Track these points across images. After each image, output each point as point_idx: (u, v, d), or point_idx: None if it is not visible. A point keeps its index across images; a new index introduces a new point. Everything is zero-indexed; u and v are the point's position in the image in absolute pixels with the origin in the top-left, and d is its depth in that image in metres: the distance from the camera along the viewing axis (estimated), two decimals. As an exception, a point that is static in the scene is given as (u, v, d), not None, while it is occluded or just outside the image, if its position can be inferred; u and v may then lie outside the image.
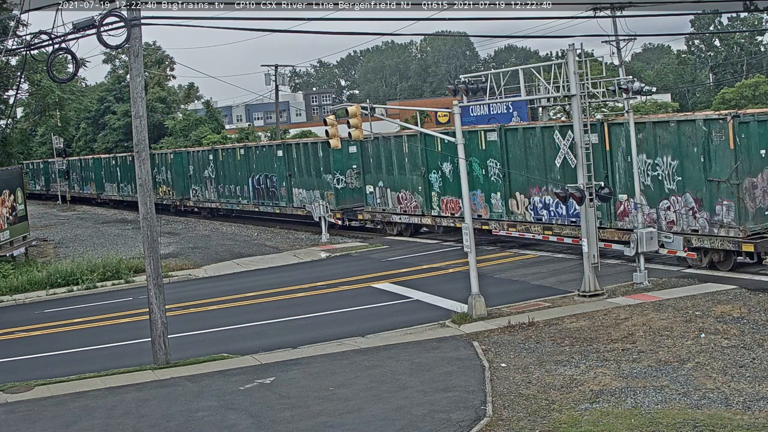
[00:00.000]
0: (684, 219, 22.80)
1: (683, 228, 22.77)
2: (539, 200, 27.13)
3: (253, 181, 41.76)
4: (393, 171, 33.26)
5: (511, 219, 28.11)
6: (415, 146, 32.03)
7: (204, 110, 76.23)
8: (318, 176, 37.22)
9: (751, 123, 21.84)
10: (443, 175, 30.94)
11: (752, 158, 21.60)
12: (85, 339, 21.34)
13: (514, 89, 22.86)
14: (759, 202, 21.70)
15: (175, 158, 49.78)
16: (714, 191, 21.99)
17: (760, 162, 21.70)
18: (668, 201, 23.28)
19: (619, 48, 47.39)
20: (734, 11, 65.71)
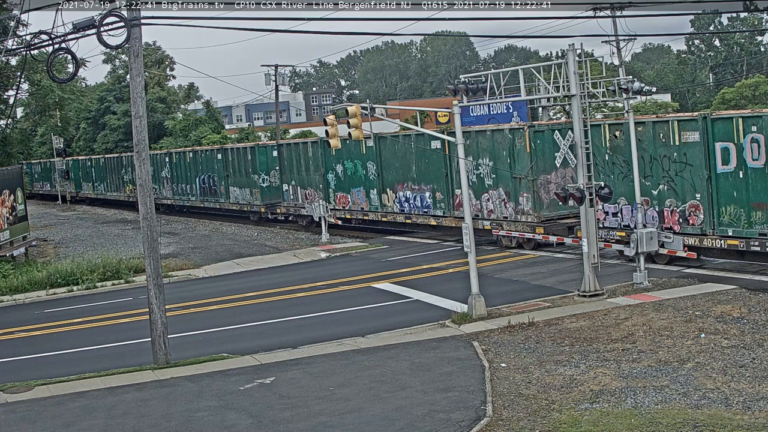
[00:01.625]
0: (498, 208, 28.68)
1: (497, 215, 28.67)
2: (402, 195, 33.02)
3: (200, 180, 46.75)
4: (302, 172, 38.95)
5: (384, 210, 33.96)
6: (316, 151, 37.66)
7: (204, 110, 76.23)
8: (248, 176, 42.23)
9: (545, 131, 27.48)
10: (337, 175, 36.46)
11: (546, 159, 27.18)
12: (85, 339, 21.34)
13: (514, 89, 22.86)
14: (553, 194, 25.84)
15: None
16: (517, 186, 27.61)
17: (553, 162, 27.08)
18: (488, 194, 29.00)
19: (619, 48, 47.40)
20: (734, 11, 65.72)
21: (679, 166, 22.75)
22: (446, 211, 30.70)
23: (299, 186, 39.09)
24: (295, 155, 39.36)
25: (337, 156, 35.79)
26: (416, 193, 32.22)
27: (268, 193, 41.07)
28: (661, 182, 23.37)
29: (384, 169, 33.59)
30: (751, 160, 21.05)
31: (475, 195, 28.82)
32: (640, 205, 22.04)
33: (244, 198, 42.59)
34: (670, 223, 23.13)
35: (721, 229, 21.92)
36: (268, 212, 41.37)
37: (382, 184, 33.86)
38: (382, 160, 33.66)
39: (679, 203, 22.96)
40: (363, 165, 34.81)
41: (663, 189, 23.31)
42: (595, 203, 21.14)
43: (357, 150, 34.66)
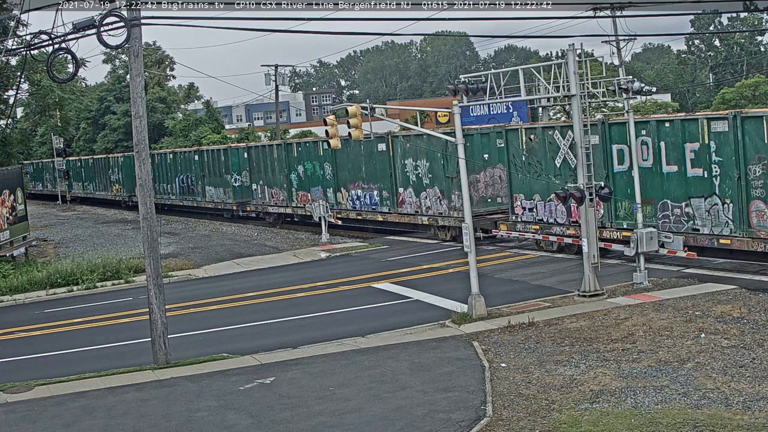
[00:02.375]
0: (435, 205, 31.45)
1: (434, 212, 31.58)
2: (354, 193, 35.79)
3: (179, 180, 49.76)
4: (269, 172, 41.57)
5: (339, 208, 36.55)
6: (281, 153, 40.42)
7: (204, 110, 76.23)
8: (222, 176, 45.00)
9: (474, 135, 30.11)
10: (299, 175, 39.30)
11: (476, 161, 29.45)
12: (85, 339, 21.34)
13: (514, 89, 22.87)
14: (482, 192, 30.19)
15: (125, 161, 56.63)
16: (450, 185, 30.19)
17: (482, 163, 29.93)
18: (425, 192, 31.92)
19: (619, 48, 47.44)
20: (734, 11, 65.71)
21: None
22: (391, 208, 33.73)
23: (266, 185, 41.83)
24: (263, 157, 42.00)
25: (298, 158, 39.06)
26: (366, 191, 35.09)
27: (239, 192, 43.66)
28: (569, 180, 24.61)
29: (339, 170, 36.43)
30: (641, 160, 23.52)
31: (416, 193, 32.47)
32: (640, 205, 22.03)
33: (219, 197, 45.31)
34: (576, 217, 24.91)
35: (618, 222, 24.60)
36: (239, 210, 43.83)
37: (337, 184, 36.70)
38: (337, 161, 36.36)
39: None
40: (321, 166, 37.63)
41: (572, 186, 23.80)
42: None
43: (315, 152, 37.88)
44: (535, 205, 27.28)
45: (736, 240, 21.55)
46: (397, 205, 33.30)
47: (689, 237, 22.47)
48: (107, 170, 60.40)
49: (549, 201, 26.10)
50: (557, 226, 26.33)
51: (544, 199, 26.44)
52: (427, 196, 31.80)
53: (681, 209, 22.98)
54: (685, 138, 22.59)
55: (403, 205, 32.84)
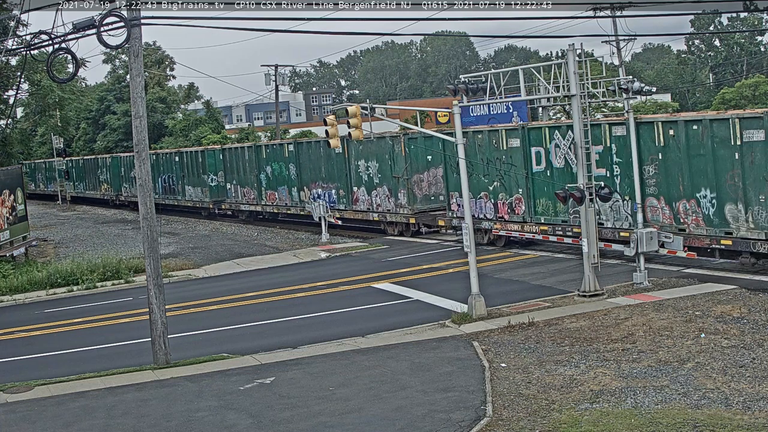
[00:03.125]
0: (384, 203, 34.23)
1: (384, 209, 34.14)
2: (315, 192, 38.19)
3: (161, 180, 52.04)
4: (241, 173, 44.11)
5: (302, 205, 39.22)
6: (251, 154, 43.02)
7: (204, 110, 76.24)
8: (199, 176, 47.44)
9: (418, 138, 32.52)
10: (267, 175, 41.73)
11: (419, 162, 32.85)
12: (85, 339, 21.34)
13: (514, 89, 22.88)
14: (425, 191, 33.11)
15: (112, 161, 59.94)
16: (396, 184, 33.08)
17: (426, 164, 32.78)
18: (376, 191, 34.41)
19: (619, 48, 47.42)
20: (734, 11, 65.69)
21: (507, 166, 27.78)
22: (347, 206, 36.26)
23: (239, 185, 44.46)
24: (236, 158, 44.64)
25: (267, 159, 41.70)
26: (325, 190, 37.72)
27: (215, 191, 46.45)
28: (495, 180, 28.46)
29: (302, 170, 39.13)
30: (556, 161, 26.08)
31: (367, 191, 35.12)
32: (640, 205, 22.04)
33: (197, 196, 47.98)
34: (502, 213, 28.43)
35: (536, 217, 27.10)
36: (215, 208, 46.69)
37: (300, 183, 39.39)
38: (300, 162, 39.14)
39: (508, 197, 28.17)
40: (286, 167, 40.24)
41: (497, 185, 28.48)
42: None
43: (281, 154, 40.49)
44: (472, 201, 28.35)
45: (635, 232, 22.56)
46: (352, 203, 35.87)
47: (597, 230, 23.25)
48: (96, 170, 62.88)
49: (479, 198, 29.19)
50: (486, 221, 29.14)
51: (476, 197, 29.02)
52: (377, 195, 34.54)
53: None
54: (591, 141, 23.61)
55: (357, 202, 35.55)
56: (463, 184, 20.50)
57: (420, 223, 32.65)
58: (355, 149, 35.36)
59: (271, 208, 41.76)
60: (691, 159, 22.25)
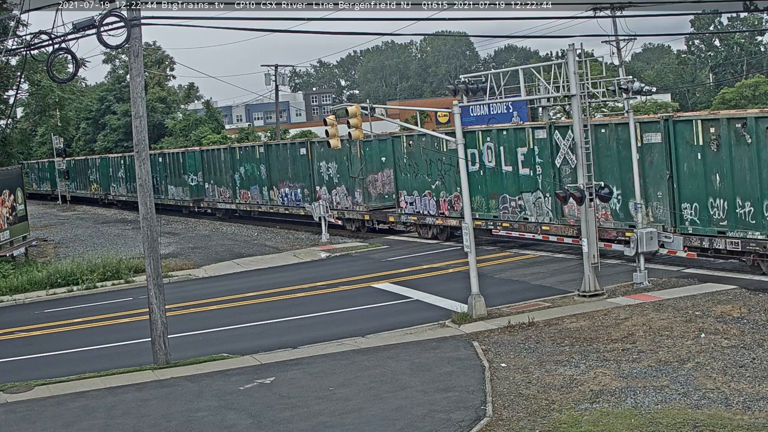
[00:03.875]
0: (343, 201, 36.54)
1: (342, 207, 36.58)
2: (283, 191, 40.80)
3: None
4: (218, 173, 46.48)
5: (271, 204, 41.78)
6: (227, 155, 45.38)
7: (204, 110, 76.21)
8: (180, 176, 49.91)
9: (373, 141, 34.82)
10: (241, 175, 44.22)
11: (374, 163, 35.03)
12: (85, 339, 21.34)
13: (514, 89, 22.87)
14: (379, 190, 35.18)
15: (101, 162, 62.54)
16: (353, 183, 35.43)
17: (380, 165, 34.80)
18: (335, 190, 36.91)
19: (619, 48, 47.41)
20: (734, 11, 65.70)
21: (446, 167, 30.07)
22: (310, 203, 38.27)
23: (216, 185, 46.90)
24: (213, 159, 46.94)
25: (240, 160, 44.20)
26: (292, 189, 40.31)
27: (195, 190, 48.90)
28: (437, 179, 30.93)
29: (271, 170, 41.57)
30: (488, 162, 28.61)
31: (328, 190, 37.56)
32: (640, 205, 22.03)
33: (178, 195, 50.50)
34: (443, 209, 30.88)
35: (474, 212, 27.33)
36: (195, 206, 49.37)
37: (270, 183, 41.77)
38: (270, 163, 41.60)
39: (448, 195, 30.50)
40: (258, 167, 42.67)
41: (438, 184, 30.95)
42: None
43: (253, 155, 42.97)
44: (415, 199, 32.60)
45: (554, 226, 26.27)
46: (315, 201, 37.70)
47: (521, 224, 27.63)
48: (86, 171, 65.59)
49: (424, 196, 31.89)
50: (429, 217, 31.93)
51: (421, 195, 31.99)
52: (336, 193, 37.04)
53: (515, 202, 27.90)
54: (517, 143, 27.15)
55: (319, 200, 37.25)
56: (463, 184, 20.48)
57: (374, 219, 35.32)
58: (317, 151, 37.94)
59: (244, 206, 44.48)
60: (601, 159, 24.32)
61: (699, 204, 22.22)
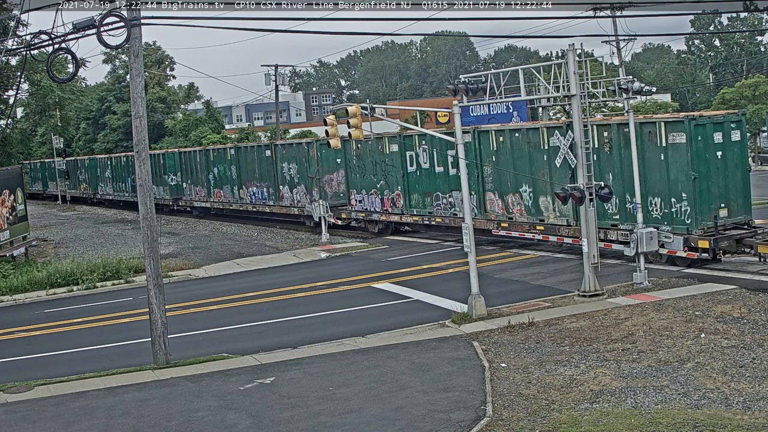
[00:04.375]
0: (302, 199, 39.40)
1: (302, 204, 39.29)
2: (251, 190, 43.64)
3: (131, 180, 56.56)
4: (194, 173, 49.34)
5: (241, 202, 44.79)
6: (202, 157, 48.35)
7: (204, 110, 76.19)
8: (161, 176, 52.21)
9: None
10: (214, 176, 47.20)
11: (330, 164, 37.83)
12: (85, 339, 21.34)
13: (514, 89, 22.87)
14: (335, 188, 37.94)
15: (90, 162, 65.71)
16: (311, 183, 38.47)
17: (335, 166, 37.55)
18: (296, 189, 39.99)
19: (619, 48, 47.40)
20: (734, 11, 65.68)
21: (389, 167, 33.39)
22: (274, 202, 41.61)
23: (193, 184, 49.61)
24: (191, 160, 49.52)
25: (214, 161, 47.09)
26: (259, 188, 43.04)
27: (174, 189, 51.75)
28: (381, 179, 34.04)
29: (241, 171, 44.46)
30: (423, 163, 31.73)
31: (290, 189, 40.45)
32: (640, 205, 22.03)
33: (159, 193, 52.03)
34: (387, 206, 33.96)
35: (411, 209, 32.75)
36: (174, 204, 52.21)
37: (240, 182, 44.61)
38: (240, 164, 44.50)
39: (391, 193, 33.72)
40: (229, 168, 45.54)
41: (383, 183, 34.01)
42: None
43: (225, 156, 46.01)
44: (363, 197, 35.54)
45: (478, 221, 28.37)
46: (278, 199, 41.23)
47: (451, 219, 30.52)
48: (76, 171, 68.65)
49: (371, 194, 34.88)
50: (375, 213, 34.75)
51: (368, 193, 35.01)
52: (297, 192, 40.03)
53: (447, 199, 30.84)
54: (447, 145, 28.84)
55: (282, 198, 40.98)
56: (463, 184, 20.48)
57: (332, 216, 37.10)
58: (280, 153, 40.99)
59: (217, 204, 47.48)
60: (515, 160, 27.55)
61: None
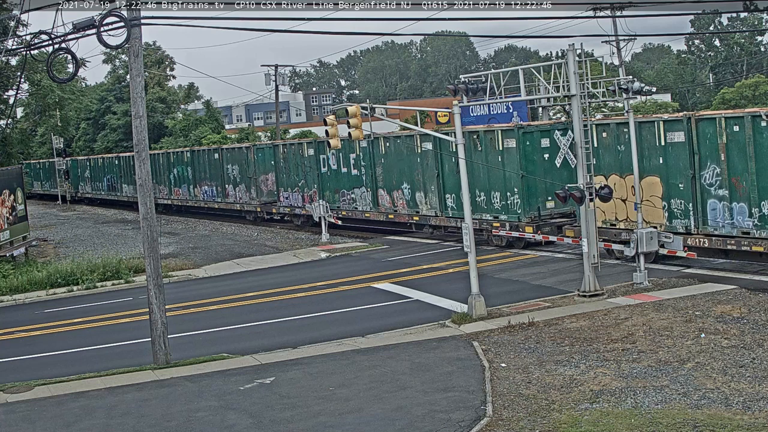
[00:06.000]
0: (243, 197, 44.17)
1: (243, 201, 44.39)
2: (204, 189, 48.52)
3: (106, 179, 62.61)
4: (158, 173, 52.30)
5: (195, 199, 49.64)
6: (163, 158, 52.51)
7: (204, 110, 76.17)
8: (131, 176, 54.97)
9: (264, 148, 43.32)
10: (174, 176, 51.56)
11: (265, 166, 42.20)
12: (85, 339, 21.34)
13: (514, 89, 22.86)
14: (270, 187, 41.92)
15: (72, 164, 70.09)
16: (249, 182, 43.29)
17: (271, 167, 41.65)
18: (238, 187, 44.65)
19: (619, 48, 47.37)
20: (734, 11, 65.70)
21: (308, 169, 38.57)
22: (221, 199, 46.59)
23: (157, 183, 52.59)
24: (156, 162, 52.37)
25: (174, 162, 51.53)
26: (210, 187, 47.88)
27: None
28: (302, 179, 39.23)
29: (195, 171, 49.19)
30: (332, 165, 37.07)
31: (233, 188, 45.26)
32: (640, 205, 22.04)
33: (130, 192, 56.75)
34: (306, 202, 38.73)
35: (335, 206, 36.74)
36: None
37: (194, 182, 49.31)
38: (194, 166, 49.17)
39: (309, 190, 38.75)
40: (186, 169, 50.00)
41: (303, 183, 39.19)
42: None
43: (183, 158, 50.50)
44: (289, 195, 40.45)
45: (372, 213, 34.79)
46: (225, 197, 46.21)
47: (352, 212, 36.03)
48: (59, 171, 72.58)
49: (294, 192, 39.93)
50: (297, 208, 39.65)
51: (292, 191, 40.20)
52: (239, 190, 44.80)
53: (350, 195, 36.22)
54: (350, 150, 35.23)
55: (228, 196, 45.78)
56: (463, 184, 20.47)
57: (264, 211, 42.87)
58: (224, 155, 46.11)
59: (177, 201, 52.02)
60: (399, 162, 33.11)
61: (455, 195, 29.65)
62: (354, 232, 37.51)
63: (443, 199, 30.88)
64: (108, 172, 62.53)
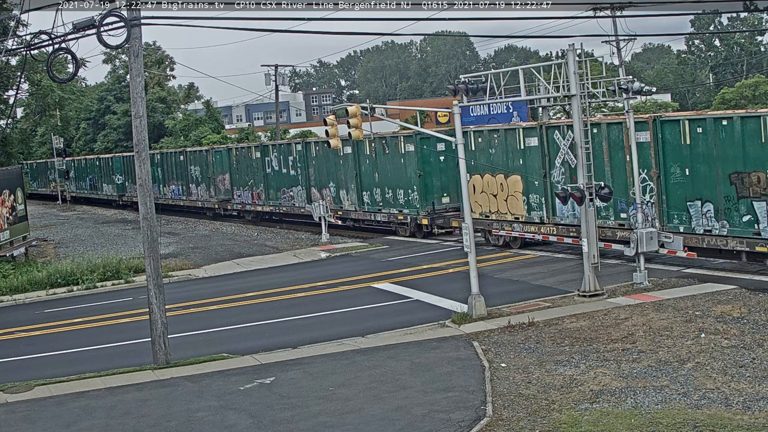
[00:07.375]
0: (204, 195, 48.27)
1: (204, 199, 48.34)
2: (171, 188, 52.49)
3: (89, 179, 66.59)
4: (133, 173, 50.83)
5: (165, 198, 52.24)
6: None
7: (204, 110, 76.18)
8: (110, 176, 61.10)
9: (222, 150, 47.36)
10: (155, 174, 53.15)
11: (222, 166, 46.25)
12: (85, 339, 21.34)
13: (514, 89, 22.85)
14: (226, 186, 45.85)
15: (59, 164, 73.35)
16: (209, 182, 47.28)
17: (226, 168, 45.44)
18: (200, 186, 48.66)
19: (619, 48, 47.40)
20: (734, 11, 65.69)
21: (256, 170, 42.61)
22: (186, 197, 50.78)
23: (132, 183, 55.20)
24: (130, 162, 54.18)
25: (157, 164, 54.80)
26: (177, 186, 52.00)
27: (120, 187, 59.86)
28: (251, 178, 43.06)
29: (164, 172, 53.26)
30: (275, 166, 41.15)
31: (196, 187, 49.41)
32: (641, 205, 22.04)
33: (110, 191, 61.48)
34: (255, 199, 42.90)
35: (269, 201, 41.87)
36: (119, 200, 60.00)
37: (163, 181, 53.31)
38: (163, 167, 53.29)
39: (257, 189, 42.60)
40: (156, 170, 53.05)
41: (252, 181, 43.05)
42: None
43: (153, 160, 51.56)
44: (241, 193, 44.33)
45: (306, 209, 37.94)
46: (189, 195, 50.38)
47: (290, 208, 40.32)
48: (46, 171, 76.87)
49: (245, 190, 43.74)
50: (248, 205, 43.77)
51: (244, 190, 44.06)
52: (200, 189, 49.04)
53: (288, 193, 40.29)
54: (288, 153, 40.03)
55: (191, 195, 50.05)
56: (463, 184, 20.48)
57: (221, 208, 46.67)
58: (189, 157, 49.80)
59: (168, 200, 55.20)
60: (327, 164, 37.39)
61: (370, 191, 34.78)
62: (354, 231, 37.49)
63: (361, 196, 35.31)
64: (90, 171, 66.52)
